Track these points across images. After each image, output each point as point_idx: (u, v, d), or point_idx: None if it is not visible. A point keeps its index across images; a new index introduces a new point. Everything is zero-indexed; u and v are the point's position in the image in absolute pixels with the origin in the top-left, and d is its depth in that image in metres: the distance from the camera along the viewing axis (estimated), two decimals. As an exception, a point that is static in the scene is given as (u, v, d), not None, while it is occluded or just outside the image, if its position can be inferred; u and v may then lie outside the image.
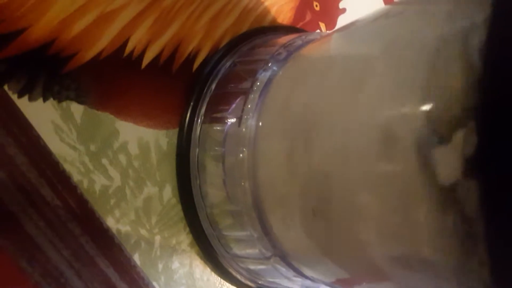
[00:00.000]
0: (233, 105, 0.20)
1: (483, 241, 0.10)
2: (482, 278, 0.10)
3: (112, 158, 0.19)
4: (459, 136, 0.10)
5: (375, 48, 0.16)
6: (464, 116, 0.10)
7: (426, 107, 0.12)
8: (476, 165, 0.10)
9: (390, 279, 0.16)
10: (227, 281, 0.22)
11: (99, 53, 0.19)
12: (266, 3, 0.25)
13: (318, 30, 0.27)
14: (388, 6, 0.19)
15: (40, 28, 0.17)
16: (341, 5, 0.29)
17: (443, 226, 0.12)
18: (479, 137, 0.10)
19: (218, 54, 0.22)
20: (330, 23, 0.28)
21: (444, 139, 0.11)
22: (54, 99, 0.18)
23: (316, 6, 0.27)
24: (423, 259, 0.14)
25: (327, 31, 0.28)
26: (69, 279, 0.18)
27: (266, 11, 0.25)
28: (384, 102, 0.14)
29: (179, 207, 0.21)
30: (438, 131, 0.11)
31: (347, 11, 0.29)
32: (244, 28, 0.24)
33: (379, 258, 0.15)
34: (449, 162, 0.11)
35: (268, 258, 0.20)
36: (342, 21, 0.28)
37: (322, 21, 0.28)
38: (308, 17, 0.27)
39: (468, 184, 0.10)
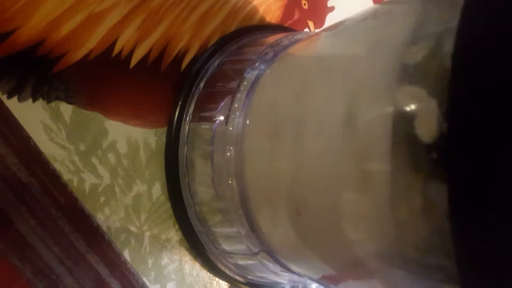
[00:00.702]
0: (221, 104, 0.21)
1: (451, 238, 0.10)
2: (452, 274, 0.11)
3: (102, 157, 0.19)
4: (426, 133, 0.11)
5: (362, 48, 0.17)
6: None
7: (393, 110, 0.12)
8: (443, 165, 0.10)
9: (375, 276, 0.16)
10: (216, 276, 0.23)
11: (88, 54, 0.19)
12: (255, 2, 0.25)
13: (306, 29, 0.28)
14: (376, 6, 0.19)
15: (29, 29, 0.17)
16: (329, 4, 0.29)
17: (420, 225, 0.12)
18: (447, 140, 0.10)
19: (206, 54, 0.22)
20: (319, 22, 0.28)
21: (414, 139, 0.11)
22: (43, 99, 0.18)
23: (305, 4, 0.28)
24: (404, 257, 0.14)
25: (315, 30, 0.28)
26: (60, 275, 0.18)
27: (255, 10, 0.25)
28: (363, 103, 0.14)
29: (168, 204, 0.21)
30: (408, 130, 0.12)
31: (336, 9, 0.29)
32: (233, 27, 0.24)
33: (363, 256, 0.16)
34: (419, 164, 0.11)
35: (255, 254, 0.20)
36: (330, 19, 0.29)
37: (311, 20, 0.28)
38: (297, 15, 0.27)
39: (438, 186, 0.11)
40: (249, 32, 0.24)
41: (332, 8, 0.29)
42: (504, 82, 0.10)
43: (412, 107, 0.12)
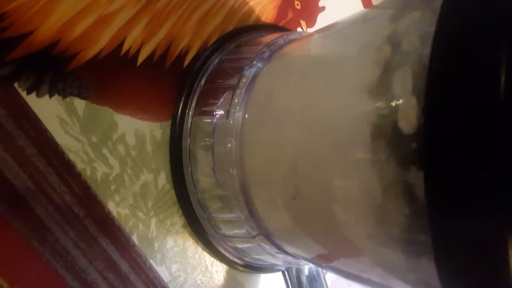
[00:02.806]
0: (221, 99, 0.22)
1: (427, 217, 0.12)
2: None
3: (112, 148, 0.21)
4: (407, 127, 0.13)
5: (351, 49, 0.18)
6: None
7: (378, 106, 0.14)
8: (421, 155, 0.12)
9: (364, 254, 0.18)
10: (216, 259, 0.24)
11: (99, 53, 0.20)
12: (251, 3, 0.26)
13: (299, 28, 0.29)
14: (366, 10, 0.20)
15: (45, 30, 0.19)
16: (320, 4, 0.31)
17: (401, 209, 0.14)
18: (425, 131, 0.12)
19: (207, 52, 0.24)
20: (311, 21, 0.30)
21: (396, 131, 0.13)
22: (59, 95, 0.19)
23: (297, 5, 0.29)
24: (389, 235, 0.16)
25: (308, 29, 0.30)
26: (75, 257, 0.19)
27: (251, 11, 0.27)
28: (351, 99, 0.16)
29: (172, 192, 0.23)
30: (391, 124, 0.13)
31: (326, 9, 0.31)
32: (231, 27, 0.25)
33: (353, 236, 0.17)
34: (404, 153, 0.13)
35: (253, 237, 0.22)
36: (321, 18, 0.31)
37: (303, 19, 0.30)
38: (290, 15, 0.29)
39: (417, 172, 0.12)
40: (246, 32, 0.25)
41: (323, 8, 0.31)
42: (472, 83, 0.12)
43: (395, 103, 0.14)
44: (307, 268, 0.25)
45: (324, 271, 0.25)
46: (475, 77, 0.12)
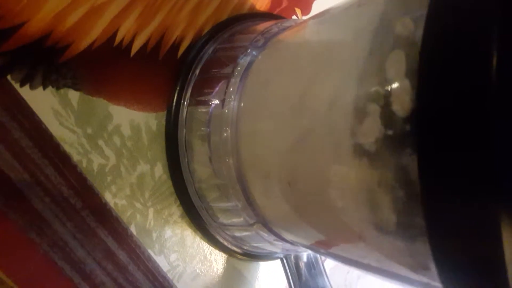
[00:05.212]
0: (216, 89, 0.22)
1: (421, 199, 0.12)
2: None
3: (107, 139, 0.21)
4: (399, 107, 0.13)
5: (347, 35, 0.18)
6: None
7: (373, 90, 0.14)
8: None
9: (363, 239, 0.18)
10: (215, 248, 0.25)
11: (92, 43, 0.20)
12: (245, -9, 0.26)
13: (294, 16, 0.29)
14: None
15: (37, 22, 0.19)
16: (315, -9, 0.31)
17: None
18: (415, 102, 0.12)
19: (201, 41, 0.24)
20: (306, 9, 0.30)
21: (391, 114, 0.13)
22: (52, 87, 0.19)
23: (292, -8, 0.29)
24: (386, 220, 0.16)
25: (303, 17, 0.29)
26: (73, 248, 0.20)
27: (245, -1, 0.26)
28: (347, 85, 0.16)
29: (169, 182, 0.23)
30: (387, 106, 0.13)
31: (321, -4, 0.31)
32: (225, 16, 0.25)
33: (350, 221, 0.17)
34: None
35: (251, 225, 0.22)
36: (317, 6, 0.30)
37: (298, 7, 0.29)
38: (285, 3, 0.29)
39: (410, 154, 0.13)
40: (240, 20, 0.25)
41: (318, -5, 0.31)
42: (463, 66, 0.12)
43: (388, 86, 0.14)
44: (305, 255, 0.25)
45: (322, 257, 0.26)
46: (467, 59, 0.12)
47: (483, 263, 0.11)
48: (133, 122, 0.22)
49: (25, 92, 0.18)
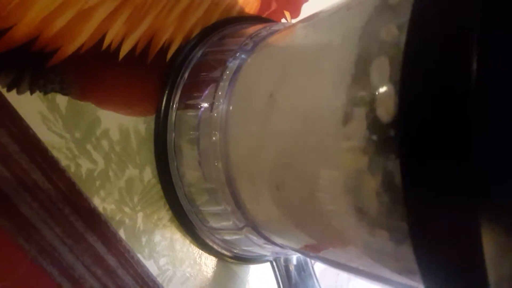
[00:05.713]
0: (205, 92, 0.22)
1: (404, 204, 0.12)
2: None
3: (96, 144, 0.21)
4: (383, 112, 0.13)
5: (336, 37, 0.18)
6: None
7: (358, 95, 0.14)
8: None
9: (351, 243, 0.18)
10: (205, 252, 0.25)
11: (80, 48, 0.20)
12: (234, -5, 0.26)
13: (283, 19, 0.29)
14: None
15: (24, 26, 0.19)
16: (304, -6, 0.31)
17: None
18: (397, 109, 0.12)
19: (190, 45, 0.24)
20: (295, 12, 0.30)
21: (375, 120, 0.13)
22: (40, 91, 0.19)
23: (281, -5, 0.29)
24: (372, 223, 0.16)
25: (292, 20, 0.30)
26: (62, 253, 0.19)
27: (234, 2, 0.26)
28: (334, 88, 0.16)
29: (158, 186, 0.23)
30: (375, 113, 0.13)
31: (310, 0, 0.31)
32: (214, 19, 0.25)
33: (340, 225, 0.18)
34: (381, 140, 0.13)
35: (241, 229, 0.22)
36: (306, 9, 0.30)
37: (287, 10, 0.29)
38: (274, 6, 0.29)
39: (394, 160, 0.13)
40: (229, 24, 0.25)
41: (307, -2, 0.31)
42: (445, 72, 0.12)
43: (373, 91, 0.14)
44: (295, 257, 0.25)
45: (312, 261, 0.26)
46: (448, 65, 0.12)
47: (464, 266, 0.11)
48: (121, 126, 0.22)
49: (12, 97, 0.18)
